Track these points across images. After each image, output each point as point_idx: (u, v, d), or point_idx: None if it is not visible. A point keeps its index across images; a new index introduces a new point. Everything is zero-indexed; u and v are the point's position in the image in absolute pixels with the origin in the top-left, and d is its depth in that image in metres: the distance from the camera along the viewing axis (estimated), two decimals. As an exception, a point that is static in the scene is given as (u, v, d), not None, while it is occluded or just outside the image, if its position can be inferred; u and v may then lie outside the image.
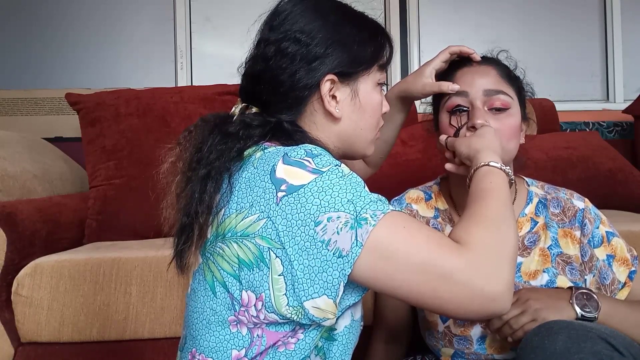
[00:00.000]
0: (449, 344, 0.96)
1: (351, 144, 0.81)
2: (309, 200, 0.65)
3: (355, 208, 0.64)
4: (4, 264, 1.18)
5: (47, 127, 2.18)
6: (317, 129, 0.78)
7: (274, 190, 0.66)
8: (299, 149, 0.69)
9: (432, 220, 1.02)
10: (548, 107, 2.08)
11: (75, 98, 1.72)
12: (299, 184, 0.65)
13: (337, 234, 0.64)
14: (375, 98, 0.81)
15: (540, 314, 0.81)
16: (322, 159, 0.68)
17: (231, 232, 0.69)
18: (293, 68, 0.75)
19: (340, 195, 0.65)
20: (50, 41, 2.30)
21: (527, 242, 0.97)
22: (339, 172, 0.67)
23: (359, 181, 0.68)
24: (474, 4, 2.50)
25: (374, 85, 0.80)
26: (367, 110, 0.80)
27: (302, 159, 0.67)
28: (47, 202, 1.45)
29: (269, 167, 0.68)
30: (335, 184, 0.66)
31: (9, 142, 1.59)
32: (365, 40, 0.78)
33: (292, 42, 0.75)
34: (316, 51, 0.75)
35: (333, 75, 0.75)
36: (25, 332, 1.17)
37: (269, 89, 0.77)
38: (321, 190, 0.65)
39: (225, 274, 0.70)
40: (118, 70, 2.33)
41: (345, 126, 0.79)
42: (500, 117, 0.91)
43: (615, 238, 0.95)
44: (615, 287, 0.93)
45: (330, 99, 0.76)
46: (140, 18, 2.34)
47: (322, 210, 0.64)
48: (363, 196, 0.66)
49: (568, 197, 0.99)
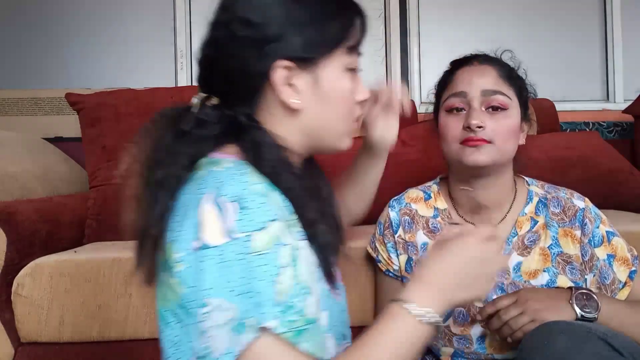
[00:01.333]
0: (448, 344, 0.96)
1: (319, 138, 0.70)
2: (208, 271, 0.56)
3: (243, 307, 0.55)
4: (4, 264, 1.18)
5: (47, 127, 2.18)
6: (276, 122, 0.68)
7: (194, 233, 0.58)
8: (236, 184, 0.59)
9: (432, 220, 1.02)
10: (548, 107, 2.07)
11: (75, 98, 1.72)
12: (210, 243, 0.56)
13: (217, 330, 0.55)
14: (343, 85, 0.69)
15: (539, 315, 0.81)
16: (247, 216, 0.56)
17: (164, 262, 0.62)
18: (243, 54, 0.65)
19: (238, 280, 0.55)
20: (50, 41, 2.30)
21: (527, 242, 0.97)
22: (249, 246, 0.56)
23: (268, 265, 0.56)
24: (474, 4, 2.50)
25: (342, 70, 0.69)
26: (334, 99, 0.68)
27: (231, 202, 0.57)
28: (47, 202, 1.45)
29: (199, 197, 0.59)
30: (238, 262, 0.55)
31: (9, 142, 1.59)
32: (327, 19, 0.67)
33: (241, 24, 0.65)
34: (268, 33, 0.64)
35: (287, 61, 0.65)
36: (25, 332, 1.17)
37: (221, 78, 0.68)
38: (223, 264, 0.55)
39: (173, 304, 0.61)
40: (118, 70, 2.33)
41: (309, 119, 0.68)
42: (497, 117, 0.91)
43: (615, 238, 0.95)
44: (615, 287, 0.93)
45: (286, 88, 0.66)
46: (140, 18, 2.34)
47: (214, 292, 0.55)
48: (257, 292, 0.55)
49: (568, 197, 0.99)
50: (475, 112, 0.91)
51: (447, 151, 0.96)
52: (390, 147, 0.90)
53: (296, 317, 0.57)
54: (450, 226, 0.75)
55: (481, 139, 0.90)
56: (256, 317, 0.55)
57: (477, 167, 0.92)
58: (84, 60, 2.32)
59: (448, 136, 0.94)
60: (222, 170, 0.61)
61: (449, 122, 0.94)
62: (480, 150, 0.90)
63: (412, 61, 2.46)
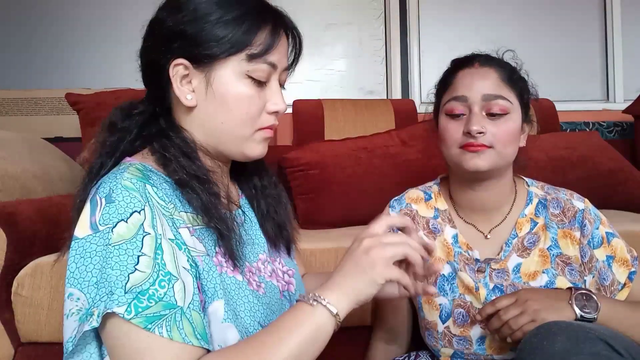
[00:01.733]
0: (448, 344, 0.96)
1: (217, 139, 0.73)
2: (69, 261, 0.62)
3: (95, 296, 0.59)
4: (4, 264, 1.18)
5: (47, 127, 2.18)
6: (181, 119, 0.73)
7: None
8: (109, 181, 0.64)
9: (432, 221, 1.02)
10: (548, 107, 2.08)
11: (75, 98, 1.72)
12: (77, 235, 0.62)
13: (66, 318, 0.61)
14: (238, 90, 0.70)
15: (539, 315, 0.81)
16: (111, 209, 0.61)
17: None
18: (153, 48, 0.72)
19: (94, 271, 0.60)
20: (50, 41, 2.30)
21: (527, 243, 0.97)
22: (109, 238, 0.60)
23: (125, 255, 0.60)
24: (474, 4, 2.50)
25: (238, 76, 0.70)
26: (227, 102, 0.70)
27: (101, 198, 0.63)
28: (47, 202, 1.45)
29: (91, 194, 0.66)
30: (97, 253, 0.60)
31: (9, 142, 1.59)
32: (226, 24, 0.69)
33: (157, 22, 0.72)
34: (174, 31, 0.69)
35: (184, 59, 0.69)
36: (25, 332, 1.17)
37: (142, 71, 0.76)
38: (82, 255, 0.61)
39: None
40: (118, 70, 2.33)
41: (202, 117, 0.71)
42: (498, 122, 0.91)
43: (615, 239, 0.95)
44: (615, 288, 0.93)
45: (182, 84, 0.70)
46: (140, 18, 2.33)
47: (70, 281, 0.61)
48: (110, 281, 0.59)
49: (568, 198, 0.99)
50: (476, 117, 0.90)
51: (447, 155, 0.96)
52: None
53: (149, 303, 0.58)
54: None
55: (481, 145, 0.90)
56: (105, 304, 0.58)
57: (478, 172, 0.92)
58: (84, 60, 2.32)
59: (448, 140, 0.94)
60: (113, 172, 0.67)
61: (449, 127, 0.93)
62: (480, 155, 0.90)
63: (412, 61, 2.46)
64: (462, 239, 0.99)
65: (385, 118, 1.99)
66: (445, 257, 0.99)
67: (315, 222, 1.57)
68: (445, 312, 0.97)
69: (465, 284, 0.96)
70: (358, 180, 1.58)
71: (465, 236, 0.99)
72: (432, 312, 0.98)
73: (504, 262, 0.96)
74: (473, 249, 0.98)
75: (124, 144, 0.72)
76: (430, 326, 0.99)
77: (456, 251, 0.98)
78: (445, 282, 0.98)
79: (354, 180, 1.59)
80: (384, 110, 2.03)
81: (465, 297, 0.96)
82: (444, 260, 0.99)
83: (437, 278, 0.99)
